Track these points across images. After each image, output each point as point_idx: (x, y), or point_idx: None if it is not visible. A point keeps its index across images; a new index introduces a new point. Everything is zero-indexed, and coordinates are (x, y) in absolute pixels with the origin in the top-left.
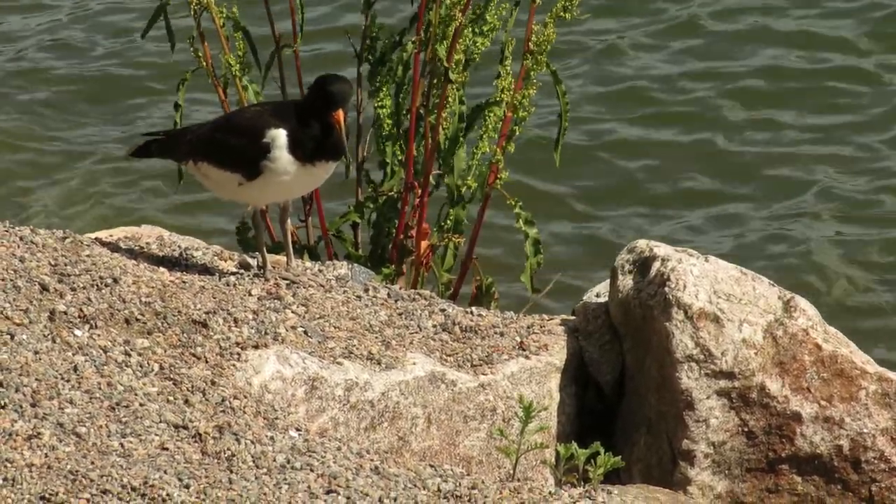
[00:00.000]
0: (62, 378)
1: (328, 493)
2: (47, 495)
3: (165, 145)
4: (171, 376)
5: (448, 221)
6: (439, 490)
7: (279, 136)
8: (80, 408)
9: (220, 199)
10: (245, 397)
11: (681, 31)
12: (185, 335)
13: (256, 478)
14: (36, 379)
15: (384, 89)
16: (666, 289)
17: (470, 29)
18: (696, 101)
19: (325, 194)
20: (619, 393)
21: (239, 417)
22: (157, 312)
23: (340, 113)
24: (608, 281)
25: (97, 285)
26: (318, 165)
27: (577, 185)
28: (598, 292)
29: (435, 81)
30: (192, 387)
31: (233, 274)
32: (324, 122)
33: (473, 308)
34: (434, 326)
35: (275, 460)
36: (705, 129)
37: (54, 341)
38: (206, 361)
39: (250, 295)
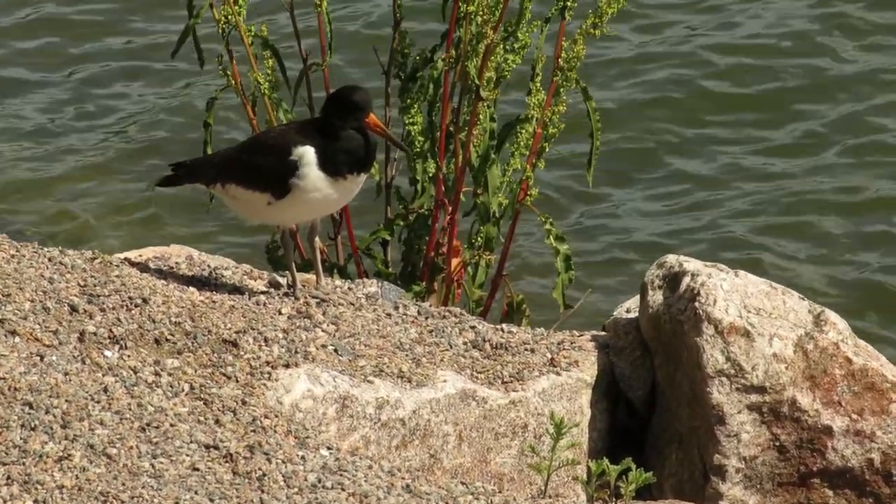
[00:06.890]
0: (92, 399)
1: None
2: None
3: (192, 170)
4: (202, 396)
5: (479, 238)
6: None
7: (307, 152)
8: (110, 429)
9: (247, 221)
10: (276, 416)
11: None
12: (215, 355)
13: (288, 497)
14: (66, 400)
15: (415, 106)
16: (696, 304)
17: (501, 46)
18: None
19: (354, 213)
20: (650, 408)
21: (270, 437)
22: (186, 332)
23: (374, 117)
24: (638, 296)
25: (126, 306)
26: (349, 179)
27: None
28: (629, 308)
29: (465, 99)
30: (223, 406)
31: (262, 293)
32: (352, 133)
33: (504, 325)
34: (464, 343)
35: (306, 479)
36: None
37: (84, 362)
38: (237, 381)
39: (280, 314)
